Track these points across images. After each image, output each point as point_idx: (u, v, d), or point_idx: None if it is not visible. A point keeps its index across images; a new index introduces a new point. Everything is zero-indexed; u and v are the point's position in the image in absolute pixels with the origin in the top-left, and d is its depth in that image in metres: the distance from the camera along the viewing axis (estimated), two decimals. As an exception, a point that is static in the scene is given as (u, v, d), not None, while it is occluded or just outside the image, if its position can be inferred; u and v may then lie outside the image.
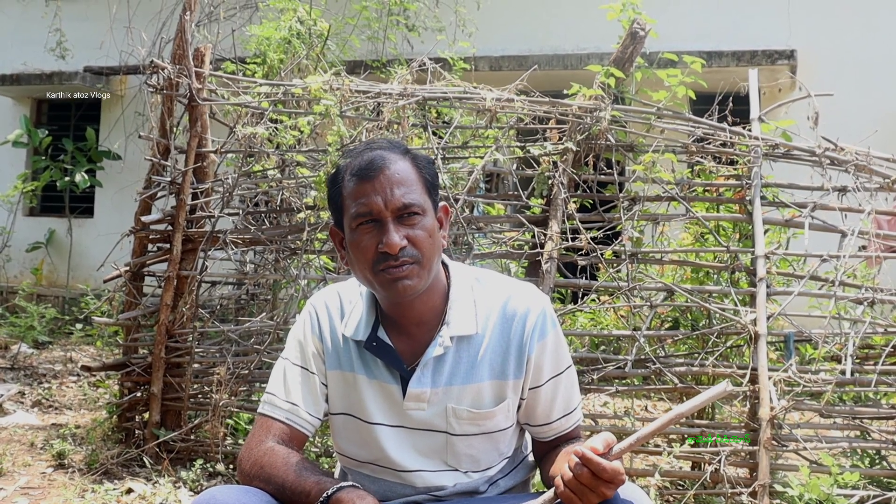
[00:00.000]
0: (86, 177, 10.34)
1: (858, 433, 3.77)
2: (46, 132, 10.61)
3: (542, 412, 1.83)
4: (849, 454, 3.89)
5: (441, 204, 1.80)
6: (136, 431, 4.30)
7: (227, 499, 1.59)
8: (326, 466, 3.88)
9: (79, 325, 7.67)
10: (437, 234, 1.74)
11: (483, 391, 1.77)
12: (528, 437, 1.97)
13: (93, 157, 10.59)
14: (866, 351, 4.00)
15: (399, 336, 1.79)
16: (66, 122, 11.44)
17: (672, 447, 3.75)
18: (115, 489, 3.74)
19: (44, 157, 10.62)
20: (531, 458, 1.98)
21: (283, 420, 1.80)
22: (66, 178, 10.32)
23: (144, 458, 4.07)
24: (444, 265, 1.84)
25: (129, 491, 3.74)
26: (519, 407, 1.83)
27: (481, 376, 1.76)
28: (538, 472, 1.96)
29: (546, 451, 1.89)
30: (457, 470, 1.81)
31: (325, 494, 1.60)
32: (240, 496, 1.61)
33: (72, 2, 11.12)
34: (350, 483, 1.63)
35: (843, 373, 3.63)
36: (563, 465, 1.58)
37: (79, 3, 11.11)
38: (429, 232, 1.71)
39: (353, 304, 1.84)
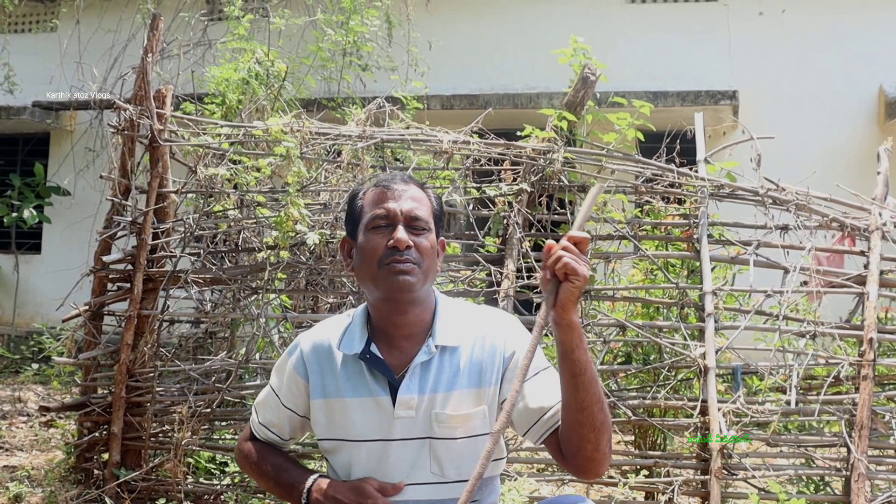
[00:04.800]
0: (34, 213, 10.23)
1: (803, 461, 3.93)
2: (-7, 167, 10.49)
3: (535, 404, 1.92)
4: (795, 481, 4.04)
5: (440, 238, 2.03)
6: (96, 472, 4.26)
7: None
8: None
9: (34, 365, 7.54)
10: (435, 254, 1.97)
11: (463, 397, 1.94)
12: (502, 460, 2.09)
13: (41, 193, 10.47)
14: (809, 381, 4.16)
15: (389, 350, 1.98)
16: (14, 156, 11.30)
17: (627, 478, 3.86)
18: (75, 531, 3.72)
19: (-10, 193, 10.50)
20: (499, 482, 2.10)
21: (256, 434, 2.17)
22: (14, 214, 10.19)
23: (105, 499, 4.05)
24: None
25: (90, 532, 3.72)
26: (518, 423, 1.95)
27: (462, 384, 1.95)
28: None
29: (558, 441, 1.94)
30: (441, 482, 1.94)
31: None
32: None
33: (21, 35, 11.05)
34: (316, 476, 1.99)
35: (787, 403, 3.79)
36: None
37: (28, 37, 11.06)
38: (431, 244, 1.96)
39: (344, 327, 2.04)
